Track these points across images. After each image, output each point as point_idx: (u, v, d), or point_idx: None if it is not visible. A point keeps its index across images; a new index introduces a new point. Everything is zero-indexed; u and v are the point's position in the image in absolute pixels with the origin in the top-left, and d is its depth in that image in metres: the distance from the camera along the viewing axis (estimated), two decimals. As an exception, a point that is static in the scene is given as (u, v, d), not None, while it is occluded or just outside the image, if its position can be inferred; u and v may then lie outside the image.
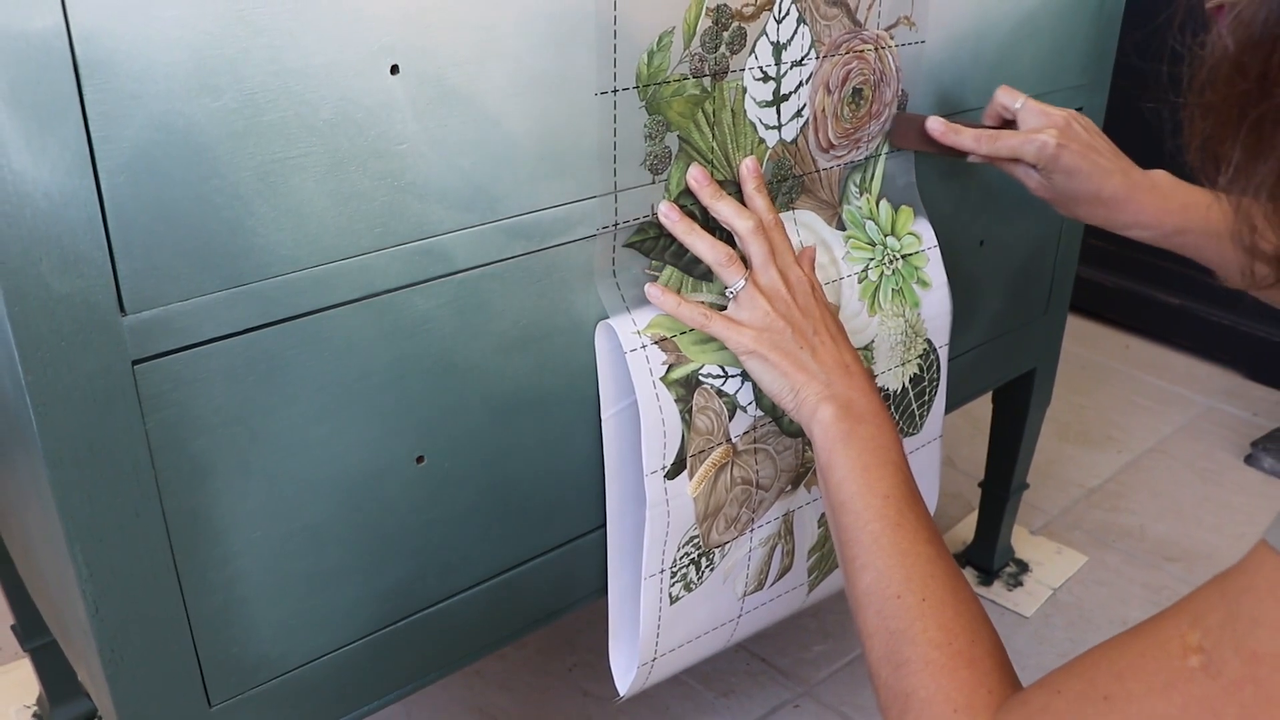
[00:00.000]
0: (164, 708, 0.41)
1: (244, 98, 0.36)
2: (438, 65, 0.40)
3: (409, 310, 0.43)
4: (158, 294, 0.36)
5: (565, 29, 0.43)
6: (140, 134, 0.34)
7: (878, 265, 0.59)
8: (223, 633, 0.42)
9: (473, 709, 0.79)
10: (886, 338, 0.59)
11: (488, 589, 0.51)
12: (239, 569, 0.42)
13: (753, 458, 0.54)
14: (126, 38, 0.33)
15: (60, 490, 0.36)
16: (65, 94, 0.32)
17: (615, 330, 0.49)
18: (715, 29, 0.48)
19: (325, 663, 0.46)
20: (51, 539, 0.39)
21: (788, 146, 0.54)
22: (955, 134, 0.56)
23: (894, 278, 0.60)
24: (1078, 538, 1.01)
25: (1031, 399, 0.85)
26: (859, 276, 0.58)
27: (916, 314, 0.61)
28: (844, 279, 0.58)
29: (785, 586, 0.61)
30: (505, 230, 0.44)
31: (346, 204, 0.39)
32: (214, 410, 0.39)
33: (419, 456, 0.46)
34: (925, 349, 0.62)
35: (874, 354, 0.59)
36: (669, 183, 0.50)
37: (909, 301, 0.60)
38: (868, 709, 0.80)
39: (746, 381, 0.53)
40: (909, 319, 0.60)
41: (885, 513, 0.41)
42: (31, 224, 0.33)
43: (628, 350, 0.49)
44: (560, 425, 0.50)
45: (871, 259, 0.59)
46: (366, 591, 0.46)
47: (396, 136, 0.40)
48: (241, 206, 0.37)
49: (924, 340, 0.62)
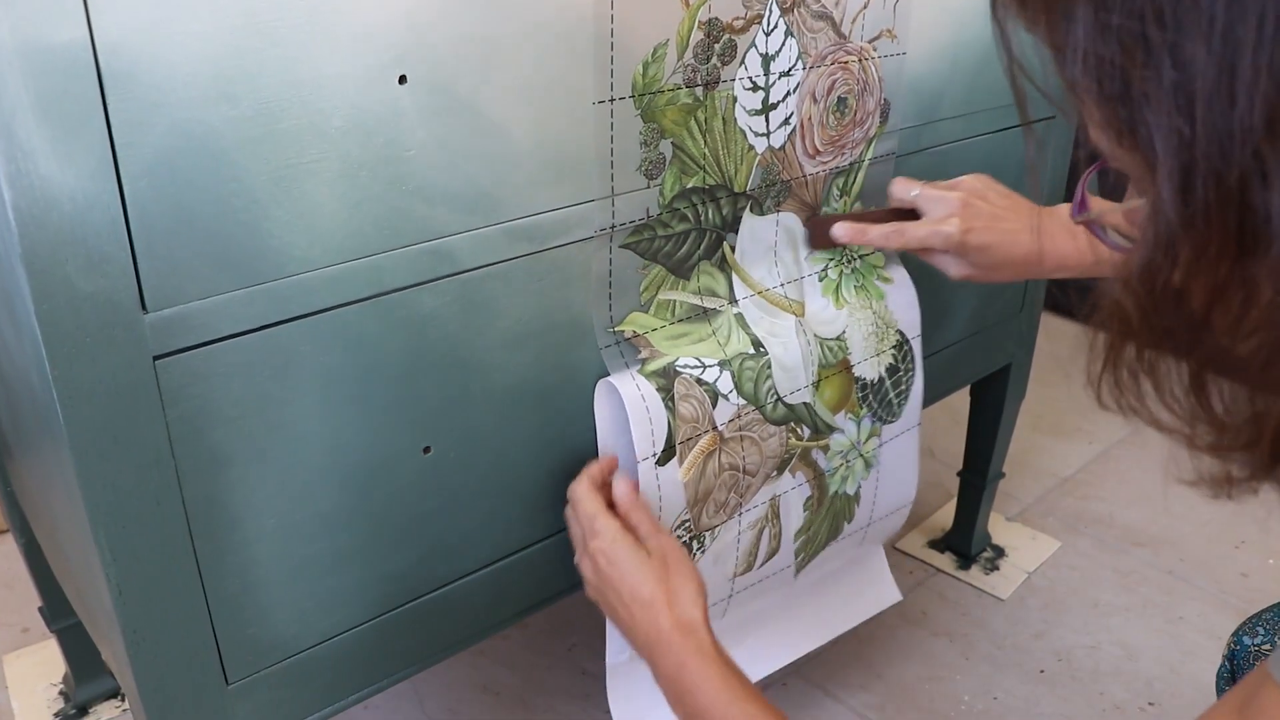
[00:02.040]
0: (183, 685, 0.43)
1: (260, 106, 0.37)
2: (444, 76, 0.41)
3: (416, 308, 0.44)
4: (178, 293, 0.37)
5: (565, 41, 0.44)
6: (161, 140, 0.35)
7: (836, 265, 0.62)
8: (239, 614, 0.44)
9: (477, 686, 0.81)
10: (858, 328, 0.62)
11: (491, 573, 0.53)
12: (255, 554, 0.43)
13: (739, 444, 0.56)
14: (148, 49, 0.34)
15: (85, 479, 0.37)
16: (90, 103, 0.33)
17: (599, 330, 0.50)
18: (707, 41, 0.50)
19: (337, 643, 0.48)
20: (77, 525, 0.41)
21: (776, 153, 0.56)
22: (862, 235, 0.57)
23: (854, 275, 0.62)
24: (1051, 524, 1.04)
25: (1007, 392, 0.88)
26: (819, 276, 0.61)
27: (883, 305, 0.63)
28: (805, 278, 0.60)
29: (773, 568, 0.63)
30: (508, 232, 0.46)
31: (357, 207, 0.41)
32: (231, 403, 0.40)
33: (426, 447, 0.47)
34: (898, 340, 0.64)
35: (848, 344, 0.62)
36: (663, 187, 0.52)
37: (874, 295, 0.63)
38: (852, 686, 0.83)
39: (724, 370, 0.55)
40: (876, 310, 0.63)
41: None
42: (58, 226, 0.34)
43: (602, 346, 0.51)
44: (559, 416, 0.52)
45: (831, 259, 0.61)
46: (376, 575, 0.48)
47: (404, 143, 0.41)
48: (258, 209, 0.38)
49: (896, 332, 0.64)
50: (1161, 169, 0.23)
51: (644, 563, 0.48)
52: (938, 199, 0.56)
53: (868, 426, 0.64)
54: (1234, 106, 0.21)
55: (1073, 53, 0.24)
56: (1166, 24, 0.22)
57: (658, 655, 0.46)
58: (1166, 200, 0.23)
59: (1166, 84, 0.22)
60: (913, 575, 0.96)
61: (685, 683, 0.44)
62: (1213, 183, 0.22)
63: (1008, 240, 0.55)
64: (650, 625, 0.47)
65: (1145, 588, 0.95)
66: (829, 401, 0.62)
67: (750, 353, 0.57)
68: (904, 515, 0.71)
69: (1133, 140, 0.24)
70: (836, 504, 0.65)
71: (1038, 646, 0.88)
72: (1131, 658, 0.87)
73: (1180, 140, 0.22)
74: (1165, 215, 0.23)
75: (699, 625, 0.46)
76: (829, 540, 0.66)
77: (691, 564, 0.49)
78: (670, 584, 0.47)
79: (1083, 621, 0.91)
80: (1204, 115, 0.22)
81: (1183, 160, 0.22)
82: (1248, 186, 0.22)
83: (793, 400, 0.59)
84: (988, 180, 0.57)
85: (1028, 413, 1.08)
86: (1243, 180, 0.22)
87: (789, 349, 0.58)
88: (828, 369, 0.61)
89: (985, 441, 0.91)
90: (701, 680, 0.44)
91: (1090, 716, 0.81)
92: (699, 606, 0.47)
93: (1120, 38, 0.23)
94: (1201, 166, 0.22)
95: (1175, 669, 0.86)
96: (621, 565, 0.48)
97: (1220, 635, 0.89)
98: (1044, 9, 0.24)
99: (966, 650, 0.87)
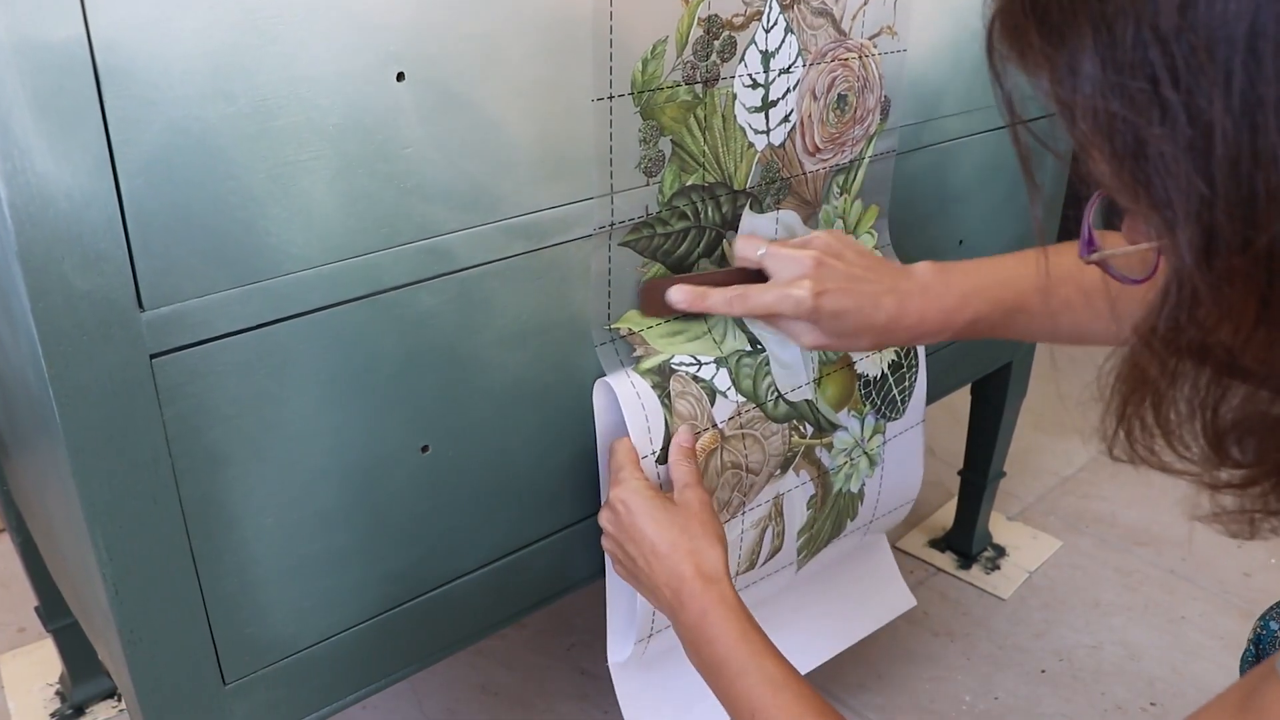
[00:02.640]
0: (180, 685, 0.43)
1: (257, 103, 0.37)
2: (442, 73, 0.41)
3: (414, 306, 0.44)
4: (175, 291, 0.37)
5: (563, 38, 0.44)
6: (158, 138, 0.35)
7: None
8: (237, 614, 0.43)
9: (475, 686, 0.81)
10: None
11: (490, 572, 0.53)
12: (252, 553, 0.43)
13: (741, 443, 0.56)
14: (145, 46, 0.34)
15: (82, 478, 0.37)
16: (86, 100, 0.33)
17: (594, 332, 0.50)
18: (706, 38, 0.50)
19: (335, 643, 0.48)
20: (73, 524, 0.41)
21: (776, 150, 0.56)
22: (703, 299, 0.50)
23: None
24: (1052, 523, 1.04)
25: (1008, 391, 0.88)
26: None
27: None
28: None
29: (775, 566, 0.63)
30: (506, 230, 0.46)
31: (354, 205, 0.41)
32: (228, 402, 0.40)
33: (424, 446, 0.47)
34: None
35: None
36: (662, 185, 0.52)
37: None
38: (852, 685, 0.83)
39: (721, 368, 0.55)
40: None
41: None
42: (54, 224, 0.34)
43: (597, 344, 0.50)
44: (558, 416, 0.52)
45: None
46: (374, 574, 0.48)
47: (402, 141, 0.41)
48: (255, 207, 0.38)
49: None
50: (1182, 233, 0.22)
51: (667, 510, 0.47)
52: (788, 259, 0.50)
53: (871, 424, 0.64)
54: (1258, 168, 0.20)
55: (1081, 109, 0.23)
56: (1180, 81, 0.21)
57: (679, 604, 0.44)
58: (1189, 264, 0.22)
59: (1183, 143, 0.21)
60: (913, 575, 0.96)
61: (706, 632, 0.43)
62: (1238, 247, 0.21)
63: (867, 304, 0.49)
64: (671, 574, 0.45)
65: (1147, 587, 0.95)
66: (832, 399, 0.61)
67: (747, 349, 0.57)
68: (906, 510, 0.71)
69: (1149, 198, 0.22)
70: (840, 502, 0.65)
71: (1039, 646, 0.88)
72: (1133, 658, 0.86)
73: (1201, 202, 0.21)
74: (1187, 279, 0.22)
75: (721, 576, 0.45)
76: (831, 538, 0.66)
77: (718, 522, 0.47)
78: (692, 534, 0.46)
79: (1084, 621, 0.91)
80: (1226, 177, 0.21)
81: (1204, 223, 0.21)
82: (1276, 250, 0.21)
83: (794, 398, 0.59)
84: (844, 238, 0.52)
85: (1029, 411, 1.07)
86: (1272, 245, 0.21)
87: (785, 345, 0.58)
88: (829, 365, 0.61)
89: (986, 440, 0.91)
90: (721, 632, 0.43)
91: (1092, 717, 0.81)
92: (721, 560, 0.45)
93: (1131, 95, 0.22)
94: (1225, 230, 0.21)
95: (1177, 669, 0.85)
96: (642, 515, 0.46)
97: (1222, 635, 0.89)
98: (1047, 62, 0.23)
99: (967, 650, 0.87)
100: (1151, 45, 0.21)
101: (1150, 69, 0.21)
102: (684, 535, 0.46)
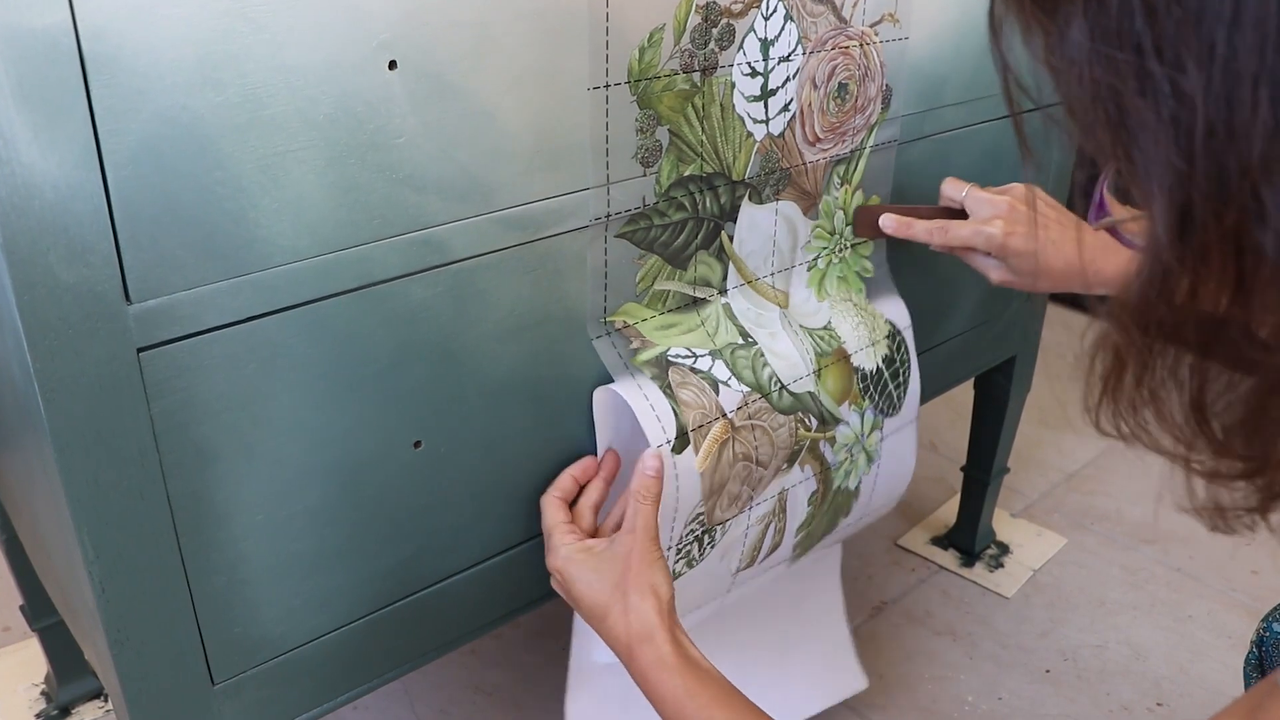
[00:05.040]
0: (168, 685, 0.42)
1: (246, 93, 0.36)
2: (435, 61, 0.40)
3: (406, 299, 0.44)
4: (162, 283, 0.37)
5: (559, 25, 0.44)
6: (145, 128, 0.34)
7: (828, 255, 0.61)
8: (226, 612, 0.43)
9: (469, 686, 0.81)
10: (844, 319, 0.62)
11: (483, 570, 0.52)
12: (241, 551, 0.43)
13: (751, 434, 0.56)
14: (132, 34, 0.33)
15: (67, 474, 0.37)
16: (72, 89, 0.33)
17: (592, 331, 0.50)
18: (705, 25, 0.49)
19: (326, 642, 0.47)
20: (59, 521, 0.40)
21: (775, 140, 0.55)
22: (908, 228, 0.58)
23: (840, 265, 0.62)
24: (1057, 520, 1.03)
25: (1012, 386, 0.87)
26: (808, 265, 0.60)
27: (863, 297, 0.63)
28: (795, 267, 0.60)
29: (773, 561, 0.63)
30: (500, 221, 0.45)
31: (346, 196, 0.40)
32: (217, 396, 0.40)
33: (416, 441, 0.47)
34: (890, 330, 0.64)
35: (837, 333, 0.61)
36: (659, 175, 0.51)
37: (853, 286, 0.63)
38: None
39: (717, 360, 0.55)
40: (856, 302, 0.63)
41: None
42: (40, 215, 0.33)
43: (593, 337, 0.50)
44: (553, 410, 0.51)
45: (825, 247, 0.61)
46: (366, 573, 0.47)
47: (394, 130, 0.40)
48: (244, 198, 0.38)
49: (886, 322, 0.64)
50: (1157, 206, 0.22)
51: (599, 570, 0.47)
52: (985, 201, 0.57)
53: (870, 419, 0.64)
54: (1232, 143, 0.20)
55: (1071, 76, 0.23)
56: (1164, 54, 0.21)
57: (627, 662, 0.46)
58: (1161, 239, 0.22)
59: (1165, 116, 0.21)
60: (915, 573, 0.95)
61: (652, 695, 0.45)
62: (1211, 222, 0.21)
63: (1049, 249, 0.55)
64: (609, 638, 0.47)
65: (1153, 585, 0.94)
66: (832, 392, 0.61)
67: (740, 342, 0.56)
68: (891, 508, 0.71)
69: (1131, 170, 0.23)
70: (838, 499, 0.64)
71: (1043, 645, 0.87)
72: (1139, 657, 0.86)
73: (1177, 177, 0.21)
74: (1160, 253, 0.22)
75: (655, 632, 0.45)
76: (824, 534, 0.65)
77: (655, 561, 0.47)
78: (625, 590, 0.46)
79: (1089, 620, 0.90)
80: (1203, 152, 0.21)
81: (1178, 199, 0.21)
82: (1245, 227, 0.21)
83: (797, 389, 0.59)
84: (1038, 190, 0.58)
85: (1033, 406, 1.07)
86: (1240, 220, 0.21)
87: (777, 337, 0.58)
88: (825, 357, 0.60)
89: (989, 436, 0.90)
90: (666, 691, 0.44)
91: (1097, 717, 0.80)
92: (654, 611, 0.46)
93: (1117, 65, 0.22)
94: (1199, 206, 0.21)
95: (1184, 669, 0.84)
96: (576, 582, 0.48)
97: (1230, 634, 0.88)
98: (1041, 29, 0.23)
99: (970, 649, 0.86)
100: (1139, 15, 0.21)
101: (1136, 39, 0.21)
102: (616, 594, 0.47)
